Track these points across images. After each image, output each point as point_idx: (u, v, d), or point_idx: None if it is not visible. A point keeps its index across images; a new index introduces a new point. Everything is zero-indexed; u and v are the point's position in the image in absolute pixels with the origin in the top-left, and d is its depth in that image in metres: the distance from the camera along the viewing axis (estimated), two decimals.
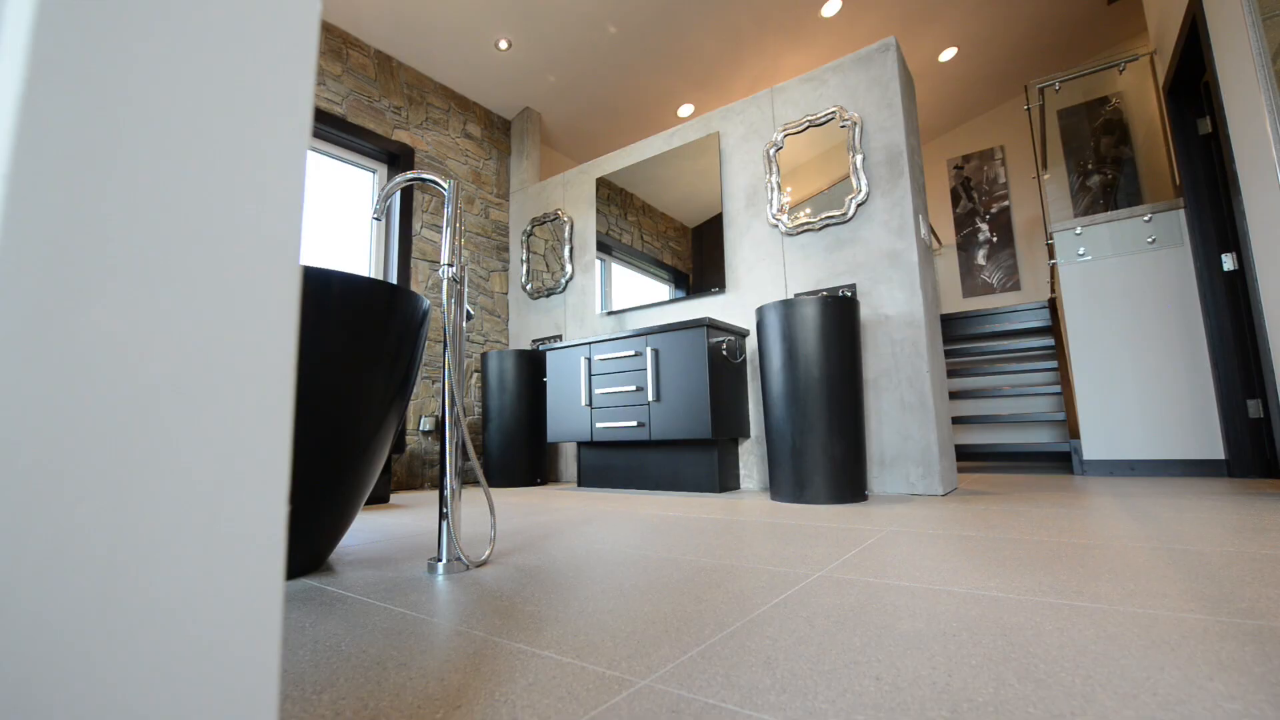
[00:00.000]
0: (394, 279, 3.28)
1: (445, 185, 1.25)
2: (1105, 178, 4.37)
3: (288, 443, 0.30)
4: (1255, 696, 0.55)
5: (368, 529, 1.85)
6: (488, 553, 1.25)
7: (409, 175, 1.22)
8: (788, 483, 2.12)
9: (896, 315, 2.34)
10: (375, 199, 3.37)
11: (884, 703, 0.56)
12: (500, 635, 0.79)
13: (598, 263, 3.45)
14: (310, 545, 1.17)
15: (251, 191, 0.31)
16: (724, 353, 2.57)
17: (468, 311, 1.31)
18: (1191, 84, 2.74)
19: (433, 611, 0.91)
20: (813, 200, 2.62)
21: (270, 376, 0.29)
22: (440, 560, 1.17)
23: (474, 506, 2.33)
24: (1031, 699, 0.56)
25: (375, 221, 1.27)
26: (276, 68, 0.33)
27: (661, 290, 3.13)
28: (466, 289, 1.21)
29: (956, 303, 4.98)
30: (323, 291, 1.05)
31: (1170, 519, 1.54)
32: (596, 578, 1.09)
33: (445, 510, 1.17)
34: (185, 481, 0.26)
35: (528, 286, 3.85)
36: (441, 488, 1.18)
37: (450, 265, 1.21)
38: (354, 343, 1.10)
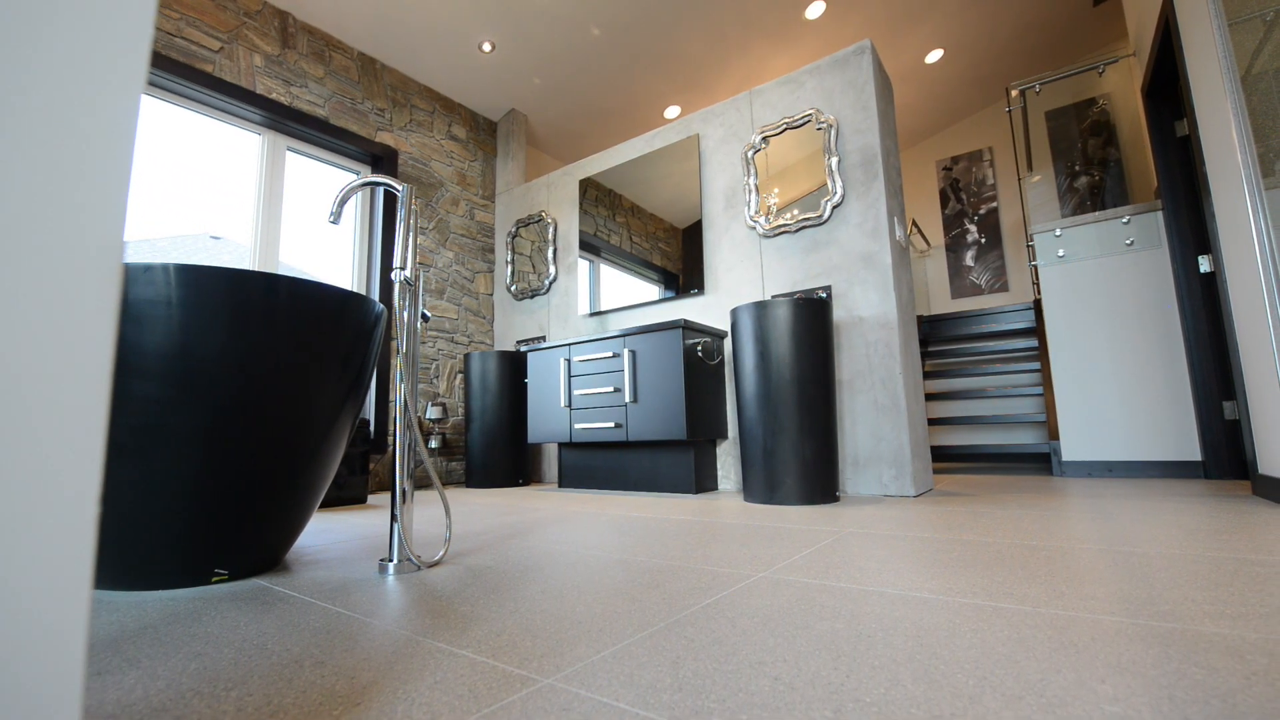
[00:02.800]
0: (376, 280, 3.29)
1: (399, 188, 1.26)
2: (1093, 179, 4.38)
3: (99, 444, 0.31)
4: (1139, 699, 0.56)
5: (337, 529, 1.86)
6: (441, 553, 1.26)
7: (363, 179, 1.23)
8: (759, 484, 2.13)
9: (871, 317, 2.35)
10: (356, 202, 3.38)
11: (772, 702, 0.57)
12: (426, 635, 0.80)
13: (581, 264, 3.46)
14: (262, 545, 1.18)
15: (56, 157, 0.27)
16: (700, 354, 2.58)
17: (423, 314, 1.32)
18: (1169, 86, 2.74)
19: (369, 611, 0.92)
20: (789, 202, 2.62)
21: (78, 375, 0.30)
22: (391, 561, 1.18)
23: (453, 508, 2.34)
24: (918, 699, 0.57)
25: (332, 224, 1.28)
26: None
27: (651, 291, 3.13)
28: (421, 292, 1.21)
29: (945, 304, 4.99)
30: (269, 296, 1.06)
31: (1129, 521, 1.54)
32: (542, 579, 1.10)
33: (395, 512, 1.18)
34: None
35: (512, 288, 3.86)
36: (392, 490, 1.19)
37: (403, 268, 1.22)
38: (302, 347, 1.11)
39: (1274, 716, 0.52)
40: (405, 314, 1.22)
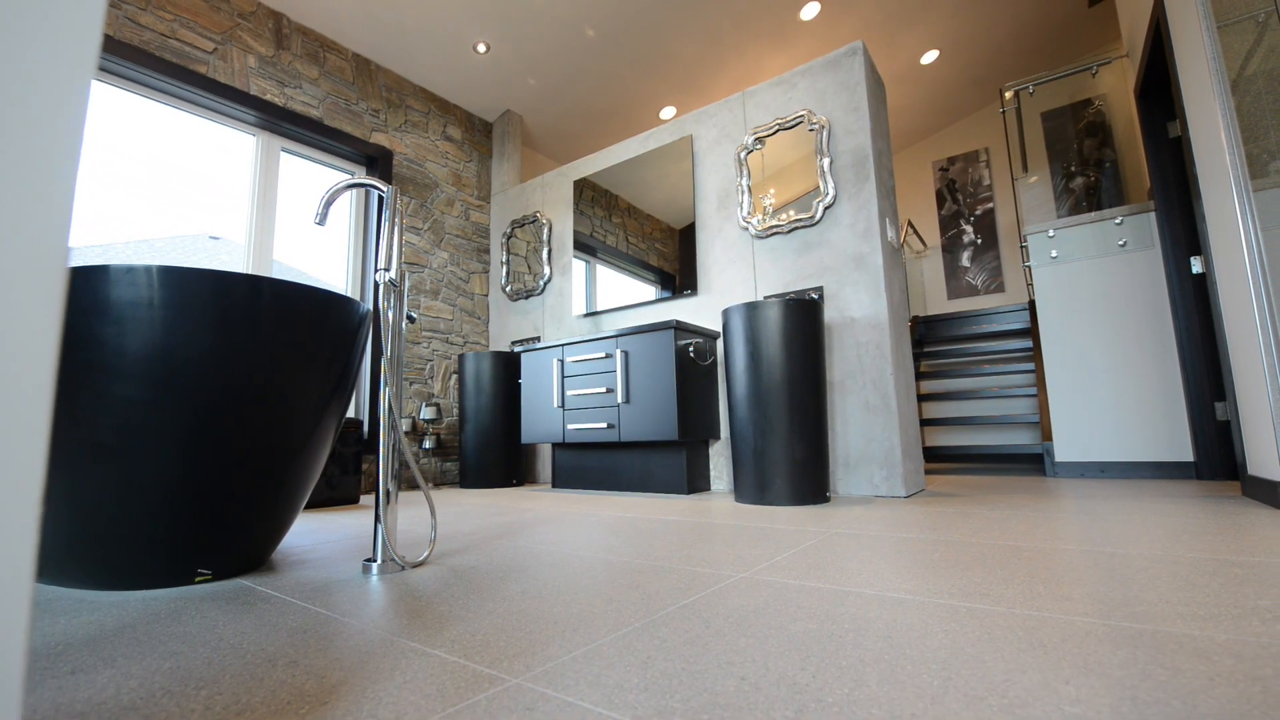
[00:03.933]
0: (370, 281, 3.30)
1: (384, 189, 1.26)
2: (1088, 179, 4.38)
3: (41, 448, 0.31)
4: (1101, 700, 0.56)
5: (326, 529, 1.86)
6: (426, 554, 1.26)
7: (347, 181, 1.24)
8: (750, 484, 2.13)
9: (862, 318, 2.35)
10: (350, 203, 3.38)
11: (735, 702, 0.57)
12: (401, 635, 0.80)
13: (575, 264, 3.47)
14: (246, 545, 1.19)
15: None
16: (692, 355, 2.58)
17: (409, 315, 1.32)
18: (1162, 87, 2.74)
19: (348, 612, 0.93)
20: (782, 204, 2.63)
21: (19, 378, 0.31)
22: (375, 561, 1.18)
23: (443, 508, 2.34)
24: (880, 699, 0.57)
25: (318, 225, 1.29)
26: None
27: (648, 291, 3.13)
28: (407, 293, 1.21)
29: (941, 304, 4.99)
30: (252, 297, 1.06)
31: (1115, 522, 1.54)
32: (523, 579, 1.10)
33: (379, 513, 1.18)
34: None
35: (507, 288, 3.86)
36: (376, 491, 1.20)
37: (387, 269, 1.23)
38: (285, 347, 1.11)
39: (1234, 717, 0.52)
40: (390, 315, 1.23)
